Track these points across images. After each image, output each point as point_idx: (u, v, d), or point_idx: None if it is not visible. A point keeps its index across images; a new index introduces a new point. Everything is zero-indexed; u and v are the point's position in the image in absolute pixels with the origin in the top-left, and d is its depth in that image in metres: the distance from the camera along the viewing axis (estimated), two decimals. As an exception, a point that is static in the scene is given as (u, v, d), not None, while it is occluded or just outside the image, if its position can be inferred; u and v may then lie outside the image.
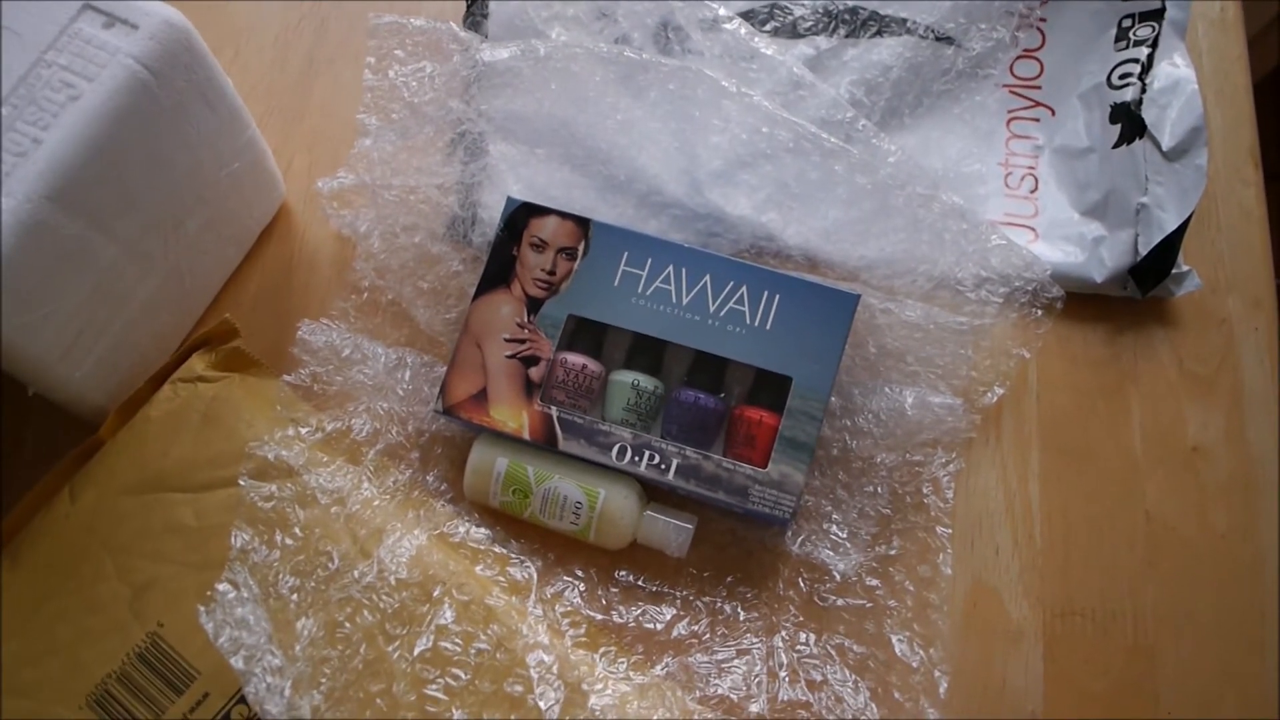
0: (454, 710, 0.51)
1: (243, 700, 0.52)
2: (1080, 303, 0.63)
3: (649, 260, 0.57)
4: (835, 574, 0.58)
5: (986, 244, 0.59)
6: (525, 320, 0.58)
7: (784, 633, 0.57)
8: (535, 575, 0.57)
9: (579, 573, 0.58)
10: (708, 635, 0.57)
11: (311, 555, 0.54)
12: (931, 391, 0.59)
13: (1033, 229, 0.66)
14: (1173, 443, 0.62)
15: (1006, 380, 0.62)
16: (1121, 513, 0.60)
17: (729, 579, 0.59)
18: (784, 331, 0.56)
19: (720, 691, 0.55)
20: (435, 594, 0.54)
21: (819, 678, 0.55)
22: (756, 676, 0.55)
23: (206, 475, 0.57)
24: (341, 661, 0.52)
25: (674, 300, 0.57)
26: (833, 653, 0.56)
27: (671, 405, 0.57)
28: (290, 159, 0.71)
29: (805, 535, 0.58)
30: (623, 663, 0.55)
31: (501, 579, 0.56)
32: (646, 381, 0.57)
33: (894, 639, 0.56)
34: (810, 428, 0.55)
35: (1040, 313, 0.62)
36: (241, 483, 0.56)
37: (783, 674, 0.55)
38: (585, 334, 0.59)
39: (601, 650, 0.55)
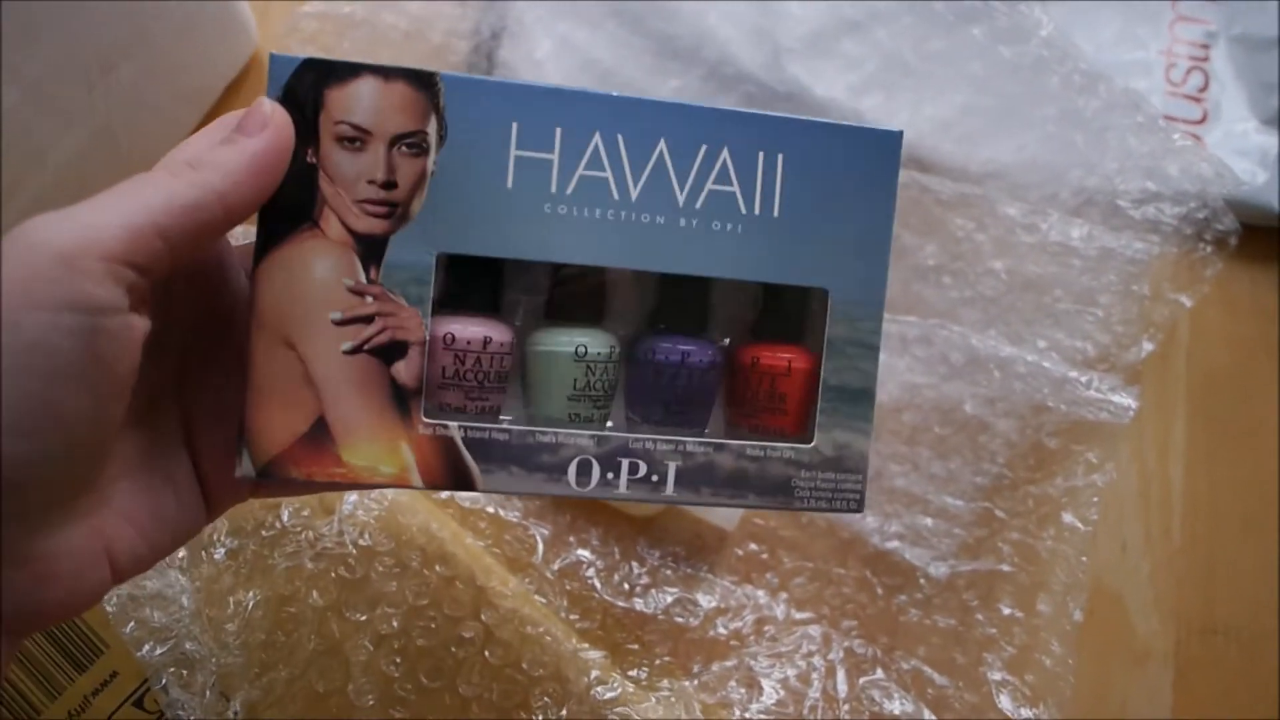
0: (427, 720, 0.39)
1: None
2: (1249, 235, 0.51)
3: (558, 130, 0.32)
4: (921, 578, 0.45)
5: (1166, 146, 0.44)
6: (362, 279, 0.31)
7: (845, 644, 0.44)
8: (542, 545, 0.45)
9: (595, 543, 0.46)
10: (751, 635, 0.45)
11: (256, 506, 0.42)
12: (1080, 342, 0.45)
13: (1198, 138, 0.54)
14: (1357, 419, 0.50)
15: (1157, 334, 0.48)
16: (1285, 506, 0.49)
17: (785, 563, 0.46)
18: (801, 215, 0.34)
19: (767, 706, 0.43)
20: (411, 565, 0.42)
21: (887, 710, 0.43)
22: (811, 703, 0.43)
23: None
24: (287, 650, 0.40)
25: (615, 195, 0.33)
26: (906, 678, 0.44)
27: (641, 371, 0.35)
28: (269, -4, 0.57)
29: (886, 519, 0.46)
30: (644, 669, 0.43)
31: (497, 550, 0.44)
32: (597, 343, 0.34)
33: (992, 679, 0.44)
34: (866, 364, 0.34)
35: (1209, 249, 0.48)
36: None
37: (845, 710, 0.43)
38: (472, 280, 0.34)
39: (621, 648, 0.43)
